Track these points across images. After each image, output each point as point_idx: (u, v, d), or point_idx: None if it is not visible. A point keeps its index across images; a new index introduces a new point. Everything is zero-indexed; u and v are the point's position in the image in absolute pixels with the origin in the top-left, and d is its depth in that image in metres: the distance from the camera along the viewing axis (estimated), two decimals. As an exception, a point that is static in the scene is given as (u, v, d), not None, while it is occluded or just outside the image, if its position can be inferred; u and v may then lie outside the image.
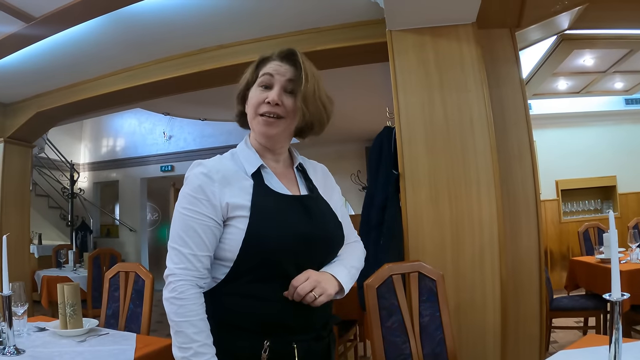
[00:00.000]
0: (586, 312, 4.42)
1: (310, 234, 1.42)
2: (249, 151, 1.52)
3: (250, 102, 1.50)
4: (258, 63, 1.53)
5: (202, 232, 1.37)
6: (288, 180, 1.55)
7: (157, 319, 6.12)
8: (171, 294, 1.33)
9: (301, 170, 1.63)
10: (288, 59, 1.49)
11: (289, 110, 1.47)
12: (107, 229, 11.32)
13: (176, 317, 1.32)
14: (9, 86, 5.21)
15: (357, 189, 9.49)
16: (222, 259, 1.41)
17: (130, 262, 4.20)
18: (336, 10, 3.68)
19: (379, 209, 3.32)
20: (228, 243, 1.39)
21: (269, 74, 1.47)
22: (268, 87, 1.47)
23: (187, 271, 1.35)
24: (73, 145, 11.49)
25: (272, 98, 1.44)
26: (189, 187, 1.41)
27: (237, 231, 1.38)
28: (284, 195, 1.47)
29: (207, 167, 1.43)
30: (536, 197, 3.35)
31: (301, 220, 1.44)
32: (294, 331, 1.40)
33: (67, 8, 3.40)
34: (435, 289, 2.37)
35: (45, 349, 2.23)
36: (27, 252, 6.22)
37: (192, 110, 8.04)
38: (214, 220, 1.39)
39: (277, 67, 1.48)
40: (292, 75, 1.47)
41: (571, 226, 7.59)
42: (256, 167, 1.47)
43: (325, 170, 1.72)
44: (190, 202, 1.39)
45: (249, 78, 1.53)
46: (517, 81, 3.47)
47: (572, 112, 7.84)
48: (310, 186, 1.58)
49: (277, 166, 1.56)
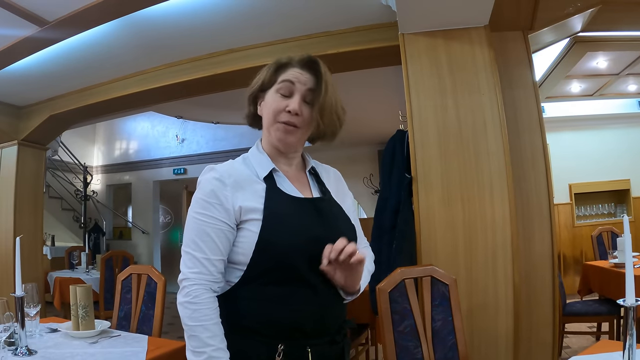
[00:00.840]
0: (599, 317, 4.37)
1: (323, 237, 1.41)
2: (260, 155, 1.52)
3: (269, 107, 1.48)
4: (277, 67, 1.51)
5: (216, 237, 1.37)
6: (301, 184, 1.55)
7: (169, 321, 6.14)
8: (185, 298, 1.34)
9: (314, 174, 1.62)
10: (309, 67, 1.48)
11: (307, 120, 1.47)
12: (120, 231, 11.38)
13: (190, 321, 1.32)
14: (23, 89, 5.26)
15: (369, 193, 9.47)
16: (235, 263, 1.41)
17: (143, 265, 4.22)
18: (348, 14, 3.68)
19: (392, 213, 3.31)
20: (241, 246, 1.39)
21: (290, 81, 1.46)
22: (288, 94, 1.46)
23: (201, 275, 1.35)
24: (86, 147, 11.57)
25: (294, 108, 1.43)
26: (201, 192, 1.42)
27: (250, 234, 1.37)
28: (297, 198, 1.47)
29: (219, 172, 1.43)
30: (549, 201, 3.33)
31: (314, 222, 1.44)
32: (308, 335, 1.39)
33: (80, 12, 3.42)
34: (447, 293, 2.36)
35: (57, 350, 2.24)
36: (40, 253, 6.26)
37: (205, 114, 8.08)
38: (227, 224, 1.39)
39: (298, 75, 1.47)
40: (312, 85, 1.46)
41: (584, 230, 7.53)
42: (268, 171, 1.47)
43: (338, 175, 1.71)
44: (203, 207, 1.39)
45: (265, 80, 1.52)
46: (530, 84, 3.44)
47: (585, 115, 7.77)
48: (322, 189, 1.58)
49: (289, 170, 1.55)
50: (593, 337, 4.92)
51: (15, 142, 5.88)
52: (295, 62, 1.49)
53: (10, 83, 4.99)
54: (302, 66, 1.48)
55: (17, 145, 5.88)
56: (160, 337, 2.79)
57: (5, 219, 5.88)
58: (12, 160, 5.91)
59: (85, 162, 10.82)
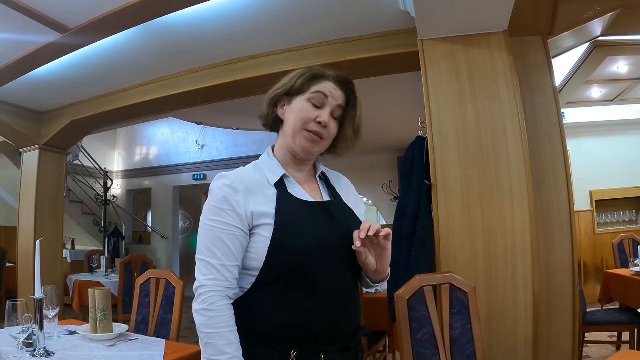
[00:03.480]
0: (620, 326, 4.30)
1: (336, 240, 1.42)
2: (271, 162, 1.53)
3: (297, 114, 1.49)
4: (312, 77, 1.52)
5: (230, 242, 1.38)
6: (311, 188, 1.56)
7: (186, 326, 6.15)
8: (201, 306, 1.34)
9: (324, 179, 1.63)
10: (343, 85, 1.52)
11: (332, 134, 1.51)
12: (140, 235, 11.47)
13: (206, 328, 1.32)
14: (44, 95, 5.33)
15: (389, 199, 9.46)
16: (248, 268, 1.41)
17: (162, 269, 4.24)
18: (367, 20, 3.68)
19: (411, 220, 3.29)
20: (254, 252, 1.39)
21: (324, 94, 1.49)
22: (319, 105, 1.48)
23: (216, 282, 1.36)
24: (107, 153, 11.71)
25: (324, 120, 1.46)
26: (213, 199, 1.43)
27: (263, 239, 1.38)
28: (308, 202, 1.48)
29: (230, 178, 1.44)
30: (570, 208, 3.29)
31: (326, 226, 1.44)
32: (321, 342, 1.38)
33: (100, 19, 3.46)
34: (466, 301, 2.34)
35: (74, 352, 2.26)
36: (60, 256, 6.33)
37: (225, 120, 8.11)
38: (241, 230, 1.39)
39: (333, 90, 1.50)
40: (342, 102, 1.51)
41: (605, 238, 7.43)
42: (279, 177, 1.48)
43: (348, 182, 1.72)
44: (216, 214, 1.40)
45: (295, 86, 1.52)
46: (550, 89, 3.41)
47: (606, 120, 7.68)
48: (333, 193, 1.58)
49: (300, 175, 1.56)
50: (613, 346, 4.85)
51: (36, 146, 5.96)
52: (331, 77, 1.52)
53: (32, 89, 5.07)
54: (337, 82, 1.52)
55: (38, 150, 5.96)
56: (177, 341, 2.79)
57: (26, 222, 5.96)
58: (33, 164, 5.99)
59: (106, 167, 10.94)
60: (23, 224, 6.03)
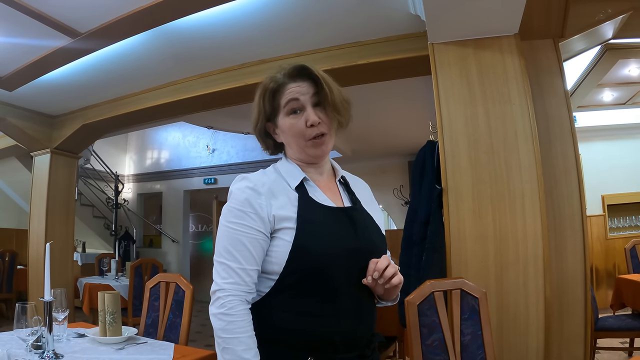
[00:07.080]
0: (632, 332, 4.25)
1: (356, 246, 1.40)
2: (290, 165, 1.51)
3: (290, 132, 1.47)
4: (273, 92, 1.50)
5: (251, 246, 1.35)
6: (332, 192, 1.53)
7: (196, 330, 6.16)
8: (219, 310, 1.31)
9: (343, 183, 1.61)
10: (300, 75, 1.48)
11: (328, 122, 1.46)
12: (150, 239, 11.49)
13: (224, 333, 1.30)
14: (56, 99, 5.37)
15: (399, 204, 9.44)
16: (268, 272, 1.38)
17: (172, 273, 4.25)
18: (378, 24, 3.68)
19: (422, 224, 3.28)
20: (274, 255, 1.37)
21: (294, 99, 1.45)
22: (300, 109, 1.45)
23: (236, 286, 1.33)
24: (118, 156, 11.75)
25: (313, 119, 1.42)
26: (235, 201, 1.40)
27: (284, 243, 1.36)
28: (329, 207, 1.45)
29: (252, 180, 1.42)
30: (582, 213, 3.26)
31: (347, 232, 1.42)
32: (338, 349, 1.36)
33: (111, 24, 3.49)
34: (477, 307, 2.32)
35: (83, 355, 2.26)
36: (70, 259, 6.38)
37: (235, 124, 8.12)
38: (263, 233, 1.37)
39: (297, 88, 1.46)
40: (314, 89, 1.45)
41: (618, 243, 7.36)
42: (299, 180, 1.46)
43: (366, 186, 1.70)
44: (237, 216, 1.38)
45: (266, 111, 1.50)
46: (562, 93, 3.39)
47: (618, 124, 7.61)
48: (353, 198, 1.56)
49: (320, 179, 1.54)
50: (625, 353, 4.80)
51: (48, 150, 6.01)
52: (286, 79, 1.48)
53: (43, 93, 5.11)
54: (295, 78, 1.48)
55: (50, 154, 6.01)
56: (186, 345, 2.79)
57: (37, 225, 6.01)
58: (45, 168, 6.04)
59: (117, 170, 10.98)
60: (34, 226, 6.07)
